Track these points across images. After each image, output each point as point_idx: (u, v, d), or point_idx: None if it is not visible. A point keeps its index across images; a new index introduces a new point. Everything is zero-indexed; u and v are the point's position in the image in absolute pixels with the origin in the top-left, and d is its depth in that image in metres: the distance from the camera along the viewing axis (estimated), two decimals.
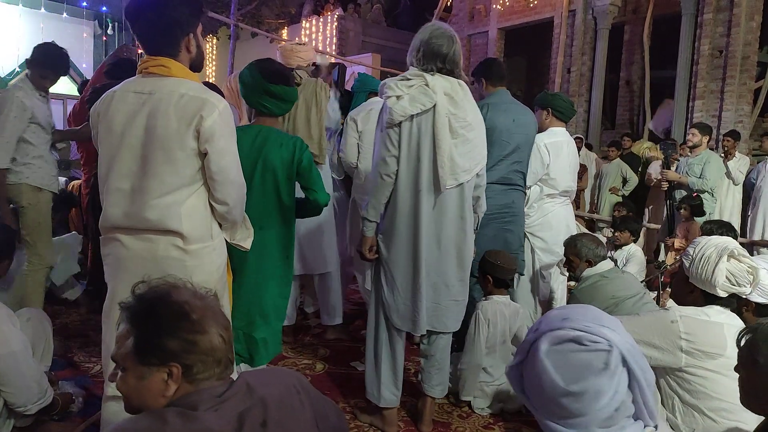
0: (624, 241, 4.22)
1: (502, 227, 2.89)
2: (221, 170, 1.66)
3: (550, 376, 1.09)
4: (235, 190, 1.72)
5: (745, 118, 6.97)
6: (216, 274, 1.74)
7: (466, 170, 2.22)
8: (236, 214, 1.78)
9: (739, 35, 6.85)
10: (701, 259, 1.87)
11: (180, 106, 1.60)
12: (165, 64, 1.65)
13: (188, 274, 1.60)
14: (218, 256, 1.76)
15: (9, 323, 2.06)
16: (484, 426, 2.50)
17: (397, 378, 2.36)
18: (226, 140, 1.66)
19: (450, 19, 10.58)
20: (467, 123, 2.23)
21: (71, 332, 3.41)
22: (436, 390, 2.41)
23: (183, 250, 1.65)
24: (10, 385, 2.00)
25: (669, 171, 5.06)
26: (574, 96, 8.56)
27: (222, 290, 1.79)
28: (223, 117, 1.64)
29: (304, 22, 11.89)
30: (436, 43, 2.17)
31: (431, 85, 2.15)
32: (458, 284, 2.32)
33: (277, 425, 1.10)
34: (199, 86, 1.68)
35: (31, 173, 3.08)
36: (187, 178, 1.64)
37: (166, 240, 1.64)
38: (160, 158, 1.61)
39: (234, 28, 7.70)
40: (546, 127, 3.28)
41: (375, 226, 2.27)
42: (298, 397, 1.18)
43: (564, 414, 1.10)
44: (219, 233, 1.77)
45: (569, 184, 3.30)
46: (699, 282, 1.89)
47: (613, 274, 2.82)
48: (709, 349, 1.79)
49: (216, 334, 1.09)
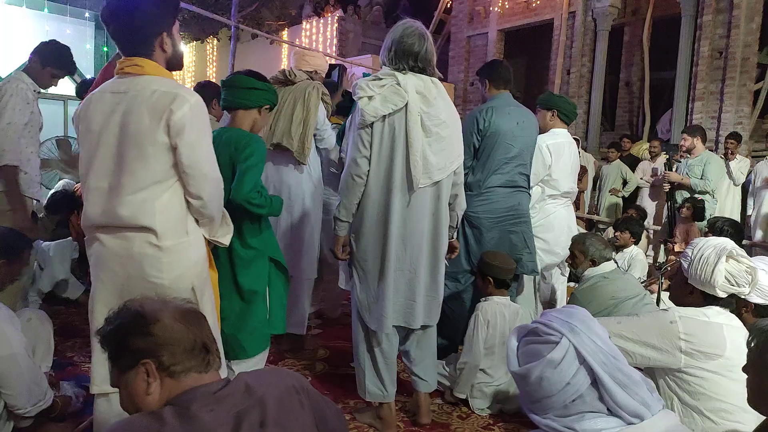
0: (624, 242, 4.21)
1: (507, 229, 2.90)
2: (193, 164, 1.66)
3: (511, 361, 1.28)
4: (209, 185, 1.72)
5: (745, 119, 6.97)
6: (194, 269, 1.74)
7: (441, 168, 2.22)
8: (212, 209, 1.76)
9: (738, 37, 6.86)
10: (700, 260, 1.87)
11: (152, 102, 1.62)
12: (139, 63, 1.68)
13: (164, 270, 1.65)
14: (195, 252, 1.75)
15: (9, 324, 2.04)
16: (483, 426, 2.50)
17: (381, 373, 2.36)
18: (198, 133, 1.66)
19: (450, 21, 10.59)
20: (441, 121, 2.22)
21: (71, 332, 3.42)
22: (421, 385, 2.45)
23: (157, 247, 1.66)
24: (9, 387, 1.98)
25: (671, 172, 5.07)
26: (574, 97, 8.56)
27: (202, 286, 1.80)
28: (194, 110, 1.64)
29: (304, 23, 11.89)
30: (407, 42, 2.17)
31: (403, 84, 2.15)
32: (430, 280, 2.33)
33: (276, 425, 1.10)
34: (172, 82, 1.69)
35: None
36: (159, 174, 1.65)
37: (141, 237, 1.66)
38: (132, 155, 1.63)
39: (234, 29, 7.70)
40: (548, 128, 3.29)
41: (347, 225, 2.28)
42: (298, 398, 1.18)
43: (527, 398, 1.26)
44: (195, 229, 1.77)
45: (571, 185, 3.30)
46: (698, 283, 1.90)
47: (614, 275, 2.83)
48: (709, 349, 1.80)
49: (170, 319, 1.11)
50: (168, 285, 1.68)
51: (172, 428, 1.01)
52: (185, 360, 1.10)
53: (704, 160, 4.97)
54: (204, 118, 1.70)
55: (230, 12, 7.87)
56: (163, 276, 1.68)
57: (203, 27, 11.91)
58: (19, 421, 2.11)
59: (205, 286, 1.82)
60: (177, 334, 1.10)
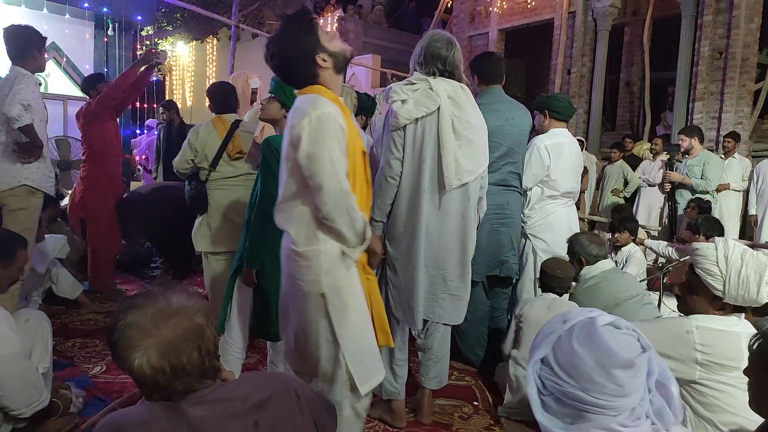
0: (624, 242, 4.21)
1: (495, 228, 2.91)
2: (311, 176, 1.66)
3: (608, 347, 1.12)
4: (328, 197, 1.66)
5: (745, 119, 6.96)
6: (325, 277, 1.72)
7: (470, 171, 2.30)
8: (335, 222, 1.69)
9: (738, 37, 6.86)
10: (738, 279, 1.76)
11: (289, 118, 1.75)
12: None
13: (302, 274, 1.75)
14: (326, 260, 1.72)
15: (5, 325, 2.01)
16: (485, 427, 2.50)
17: (396, 371, 2.42)
18: (314, 146, 1.65)
19: (450, 21, 10.59)
20: (470, 125, 2.29)
21: (71, 332, 3.42)
22: (433, 382, 2.48)
23: (295, 252, 1.74)
24: (4, 388, 1.96)
25: (672, 172, 5.07)
26: (575, 97, 8.56)
27: (337, 294, 1.74)
28: (313, 123, 1.65)
29: None
30: (436, 46, 2.28)
31: (435, 88, 2.23)
32: (457, 280, 2.39)
33: (271, 428, 1.10)
34: (310, 98, 1.73)
35: (30, 173, 3.01)
36: (296, 185, 1.73)
37: (288, 240, 1.78)
38: (282, 167, 1.79)
39: (234, 29, 7.69)
40: (546, 129, 3.28)
41: (381, 225, 2.35)
42: (298, 402, 1.18)
43: (601, 396, 1.11)
44: (328, 239, 1.73)
45: (571, 185, 3.29)
46: (737, 301, 1.79)
47: (613, 275, 2.82)
48: (726, 361, 1.72)
49: (141, 359, 1.03)
50: (305, 288, 1.75)
51: (159, 422, 1.02)
52: (165, 390, 1.07)
53: (703, 160, 4.98)
54: (324, 130, 1.67)
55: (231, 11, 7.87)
56: (301, 279, 1.75)
57: (203, 26, 11.92)
58: (15, 422, 2.09)
59: (343, 295, 1.76)
60: (145, 375, 1.04)
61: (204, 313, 1.11)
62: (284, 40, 1.76)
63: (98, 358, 2.99)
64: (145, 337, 1.04)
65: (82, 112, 4.17)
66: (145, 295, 1.10)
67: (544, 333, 1.22)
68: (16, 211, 2.99)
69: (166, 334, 1.05)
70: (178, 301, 1.09)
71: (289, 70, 1.81)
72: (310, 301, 1.75)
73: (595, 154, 7.95)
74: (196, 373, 1.07)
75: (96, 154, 4.15)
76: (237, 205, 3.10)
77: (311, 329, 1.77)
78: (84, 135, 4.20)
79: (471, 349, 3.08)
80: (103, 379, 2.80)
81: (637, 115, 9.03)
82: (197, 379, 1.08)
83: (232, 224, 3.09)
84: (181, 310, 1.08)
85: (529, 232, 3.23)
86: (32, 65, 3.06)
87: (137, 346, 1.04)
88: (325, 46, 1.76)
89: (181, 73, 13.73)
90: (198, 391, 1.09)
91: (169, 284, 1.15)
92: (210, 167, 3.08)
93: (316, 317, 1.75)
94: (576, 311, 1.23)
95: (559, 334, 1.18)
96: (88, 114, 4.10)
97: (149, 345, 1.04)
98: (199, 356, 1.07)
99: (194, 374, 1.07)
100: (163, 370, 1.04)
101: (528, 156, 3.14)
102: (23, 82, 2.94)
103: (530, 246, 3.22)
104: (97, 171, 4.16)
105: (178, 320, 1.07)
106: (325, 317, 1.74)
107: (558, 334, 1.18)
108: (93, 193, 4.16)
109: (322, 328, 1.75)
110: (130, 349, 1.04)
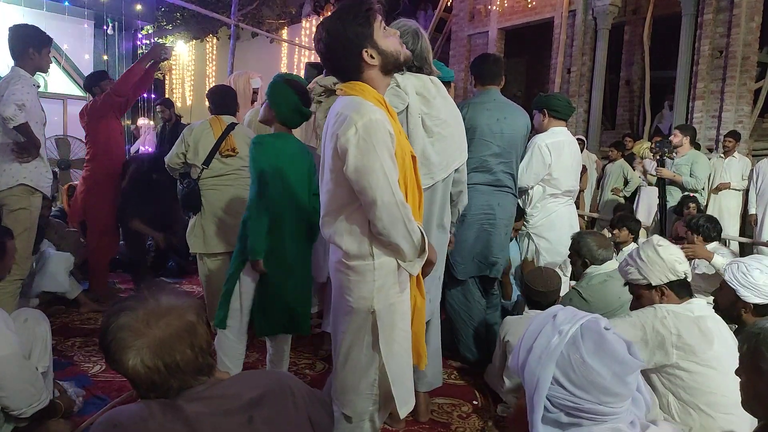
0: (623, 239, 4.21)
1: (485, 228, 2.88)
2: (361, 190, 1.54)
3: (621, 357, 1.13)
4: (381, 212, 1.54)
5: (745, 118, 6.96)
6: (377, 294, 1.63)
7: (443, 168, 2.23)
8: (391, 236, 1.58)
9: (739, 36, 6.85)
10: (645, 263, 2.08)
11: (331, 125, 1.61)
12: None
13: (351, 289, 1.65)
14: (380, 276, 1.63)
15: (3, 325, 2.01)
16: (483, 427, 2.50)
17: None
18: (363, 158, 1.51)
19: (450, 20, 10.57)
20: (441, 120, 2.22)
21: (71, 332, 3.42)
22: (424, 384, 2.45)
23: (346, 265, 1.65)
24: (4, 388, 1.96)
25: (663, 169, 5.08)
26: (574, 96, 8.56)
27: (387, 312, 1.65)
28: (360, 133, 1.51)
29: (304, 21, 11.88)
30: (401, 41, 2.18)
31: (402, 85, 2.14)
32: (429, 279, 2.31)
33: (265, 423, 1.11)
34: (355, 102, 1.58)
35: (28, 173, 3.01)
36: (343, 197, 1.61)
37: (338, 254, 1.68)
38: (325, 177, 1.67)
39: (234, 28, 7.69)
40: (546, 128, 3.28)
41: None
42: (292, 399, 1.18)
43: (617, 404, 1.13)
44: (380, 254, 1.63)
45: (572, 183, 3.29)
46: (663, 281, 2.05)
47: (618, 275, 2.82)
48: (697, 344, 1.87)
49: (135, 359, 1.04)
50: (352, 304, 1.65)
51: (156, 418, 1.04)
52: (158, 389, 1.08)
53: (691, 159, 5.11)
54: (373, 140, 1.52)
55: (230, 10, 7.87)
56: (349, 294, 1.65)
57: (202, 26, 11.91)
58: (17, 422, 2.10)
59: (393, 313, 1.67)
60: (139, 375, 1.06)
61: (195, 311, 1.12)
62: (335, 25, 1.60)
63: (98, 358, 3.00)
64: (138, 337, 1.05)
65: (86, 110, 4.07)
66: (134, 298, 1.11)
67: (530, 335, 1.23)
68: (17, 211, 2.99)
69: (158, 333, 1.06)
70: (168, 301, 1.10)
71: (331, 59, 1.65)
72: (356, 317, 1.65)
73: (595, 153, 7.95)
74: (191, 369, 1.09)
75: (100, 153, 4.06)
76: (229, 206, 3.12)
77: (347, 342, 1.69)
78: (88, 133, 4.10)
79: (468, 347, 3.08)
80: (102, 378, 2.80)
81: (637, 114, 9.03)
82: (192, 376, 1.09)
83: (226, 225, 3.10)
84: (171, 309, 1.09)
85: (531, 231, 3.22)
86: (30, 65, 3.05)
87: (130, 347, 1.04)
88: (377, 42, 1.61)
89: (181, 72, 13.72)
90: (193, 388, 1.10)
91: (159, 285, 1.17)
92: (203, 165, 3.10)
93: (359, 332, 1.66)
94: (562, 317, 1.22)
95: (560, 350, 1.16)
96: (94, 112, 4.00)
97: (142, 345, 1.04)
98: (192, 353, 1.08)
99: (189, 371, 1.08)
100: (157, 368, 1.05)
101: (529, 155, 3.14)
102: (19, 82, 2.93)
103: (533, 246, 3.22)
104: (101, 170, 4.07)
105: (170, 319, 1.08)
106: (371, 334, 1.65)
107: (558, 349, 1.16)
108: (94, 193, 4.11)
109: (365, 344, 1.66)
110: (123, 351, 1.05)
